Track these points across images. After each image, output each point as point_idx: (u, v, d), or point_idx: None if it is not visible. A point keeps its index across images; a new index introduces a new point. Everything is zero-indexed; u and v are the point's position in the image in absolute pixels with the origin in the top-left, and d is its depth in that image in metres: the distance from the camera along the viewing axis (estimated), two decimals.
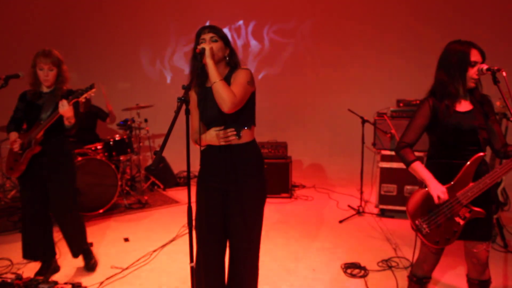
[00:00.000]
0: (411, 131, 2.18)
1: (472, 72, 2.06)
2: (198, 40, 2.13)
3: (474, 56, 2.05)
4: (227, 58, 2.17)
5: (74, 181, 3.16)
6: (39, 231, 3.11)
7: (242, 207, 2.14)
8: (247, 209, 2.15)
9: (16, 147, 2.92)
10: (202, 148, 2.21)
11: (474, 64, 2.06)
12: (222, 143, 2.11)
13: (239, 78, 2.10)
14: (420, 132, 2.18)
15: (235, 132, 2.11)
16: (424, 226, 2.11)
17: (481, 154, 2.07)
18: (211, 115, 2.12)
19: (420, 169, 2.12)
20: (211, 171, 2.18)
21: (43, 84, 2.95)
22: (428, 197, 2.10)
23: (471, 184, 2.06)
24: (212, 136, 2.12)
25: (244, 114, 2.14)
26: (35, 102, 2.96)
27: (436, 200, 2.04)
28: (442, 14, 5.86)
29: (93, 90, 2.83)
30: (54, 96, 2.92)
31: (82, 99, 2.81)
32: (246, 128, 2.16)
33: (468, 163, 2.06)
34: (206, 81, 2.17)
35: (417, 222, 2.12)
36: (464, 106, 2.13)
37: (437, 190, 2.04)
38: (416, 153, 2.24)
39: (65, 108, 2.77)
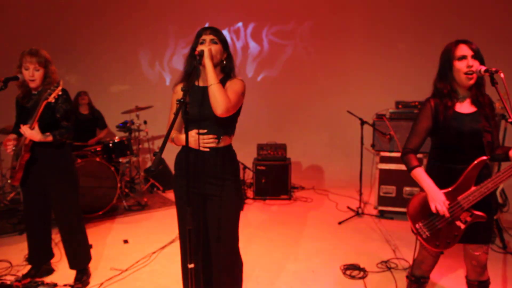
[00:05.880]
0: (414, 136, 2.14)
1: (460, 66, 2.01)
2: (198, 40, 2.14)
3: (461, 50, 2.02)
4: (224, 62, 2.18)
5: (75, 193, 3.02)
6: (42, 237, 3.12)
7: (220, 210, 2.16)
8: (225, 212, 2.17)
9: (6, 145, 2.82)
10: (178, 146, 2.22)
11: (460, 57, 2.01)
12: (201, 148, 2.10)
13: (236, 87, 2.13)
14: (424, 136, 2.13)
15: (216, 140, 2.11)
16: (425, 230, 2.09)
17: (484, 158, 2.00)
18: (197, 114, 2.11)
19: (421, 176, 2.07)
20: (189, 175, 2.16)
21: (29, 85, 2.79)
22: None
23: (473, 188, 2.01)
24: (193, 138, 2.10)
25: (229, 122, 2.15)
26: (25, 105, 2.85)
27: (433, 210, 2.02)
28: (442, 16, 5.87)
29: (59, 88, 2.66)
30: (40, 99, 2.69)
31: (51, 99, 2.64)
32: (226, 135, 2.17)
33: (470, 167, 2.01)
34: (197, 80, 2.19)
35: (417, 226, 2.11)
36: (466, 107, 2.08)
37: (436, 200, 2.01)
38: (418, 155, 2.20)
39: (27, 134, 2.67)
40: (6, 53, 5.54)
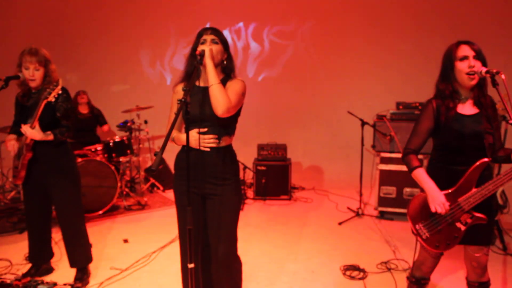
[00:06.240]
0: (416, 137, 2.14)
1: (462, 66, 2.00)
2: (198, 40, 2.15)
3: (462, 51, 2.01)
4: (225, 63, 2.18)
5: (77, 192, 3.03)
6: (42, 236, 3.12)
7: (219, 210, 2.16)
8: (224, 211, 2.17)
9: (8, 146, 2.84)
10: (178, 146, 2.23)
11: (462, 58, 2.01)
12: (201, 148, 2.10)
13: (236, 87, 2.13)
14: (425, 137, 2.13)
15: (217, 141, 2.12)
16: (425, 231, 2.09)
17: (485, 159, 2.00)
18: (198, 114, 2.11)
19: (421, 176, 2.07)
20: (189, 175, 2.13)
21: (29, 84, 2.79)
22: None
23: (473, 190, 2.00)
24: (194, 138, 2.10)
25: (229, 122, 2.15)
26: (25, 104, 2.85)
27: (432, 210, 2.02)
28: (442, 18, 5.87)
29: (59, 87, 2.67)
30: (40, 98, 2.69)
31: (51, 98, 2.65)
32: (227, 135, 2.17)
33: (471, 168, 2.00)
34: (197, 80, 2.19)
35: (417, 226, 2.11)
36: (468, 109, 2.07)
37: (435, 201, 2.00)
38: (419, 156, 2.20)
39: (28, 133, 2.67)
40: (6, 52, 5.55)
